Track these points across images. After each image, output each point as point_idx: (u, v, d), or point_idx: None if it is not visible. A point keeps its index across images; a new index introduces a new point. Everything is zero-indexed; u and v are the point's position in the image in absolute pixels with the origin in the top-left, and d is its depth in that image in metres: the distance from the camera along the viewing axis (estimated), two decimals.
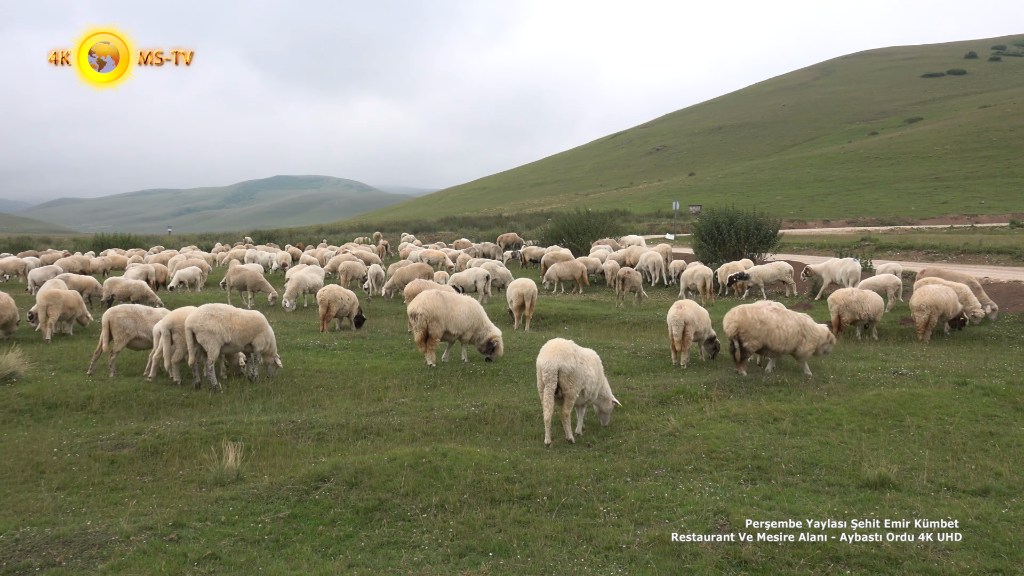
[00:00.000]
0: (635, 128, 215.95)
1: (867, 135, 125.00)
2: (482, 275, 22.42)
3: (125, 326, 12.15)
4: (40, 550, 6.12)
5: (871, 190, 79.26)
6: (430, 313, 12.68)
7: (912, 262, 27.87)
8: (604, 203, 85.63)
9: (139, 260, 31.49)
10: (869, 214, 64.83)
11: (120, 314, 12.21)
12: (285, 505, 7.11)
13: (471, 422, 9.84)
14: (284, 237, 65.00)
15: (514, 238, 43.66)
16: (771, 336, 12.03)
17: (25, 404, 10.65)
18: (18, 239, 67.74)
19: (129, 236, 59.53)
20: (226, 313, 11.55)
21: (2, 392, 11.03)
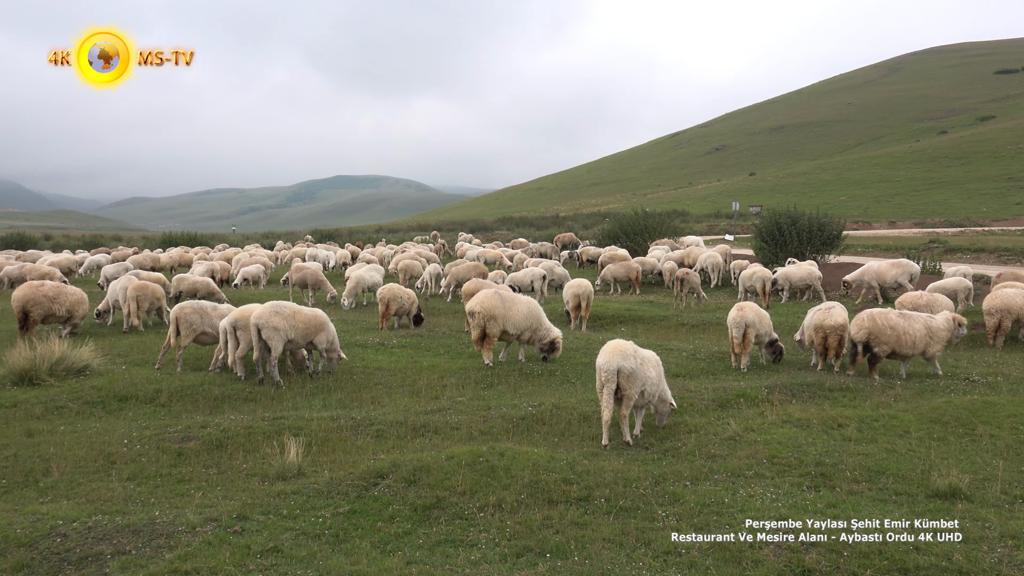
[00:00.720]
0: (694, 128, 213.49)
1: (936, 134, 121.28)
2: (539, 275, 22.41)
3: (192, 322, 12.48)
4: (111, 538, 6.31)
5: (940, 190, 76.87)
6: (488, 312, 12.72)
7: (984, 265, 26.95)
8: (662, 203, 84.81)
9: (205, 258, 32.32)
10: (938, 215, 62.87)
11: (187, 310, 12.55)
12: (345, 501, 7.20)
13: (528, 422, 9.83)
14: (344, 236, 66.01)
15: (571, 238, 43.55)
16: (900, 341, 11.87)
17: (97, 396, 11.02)
18: (91, 236, 70.30)
19: (195, 234, 61.34)
20: (290, 311, 11.78)
21: (76, 384, 11.43)
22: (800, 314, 17.13)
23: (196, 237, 57.73)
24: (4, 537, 6.29)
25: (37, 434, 9.40)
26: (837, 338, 12.43)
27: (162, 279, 19.85)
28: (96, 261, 32.58)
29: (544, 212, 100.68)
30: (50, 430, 9.60)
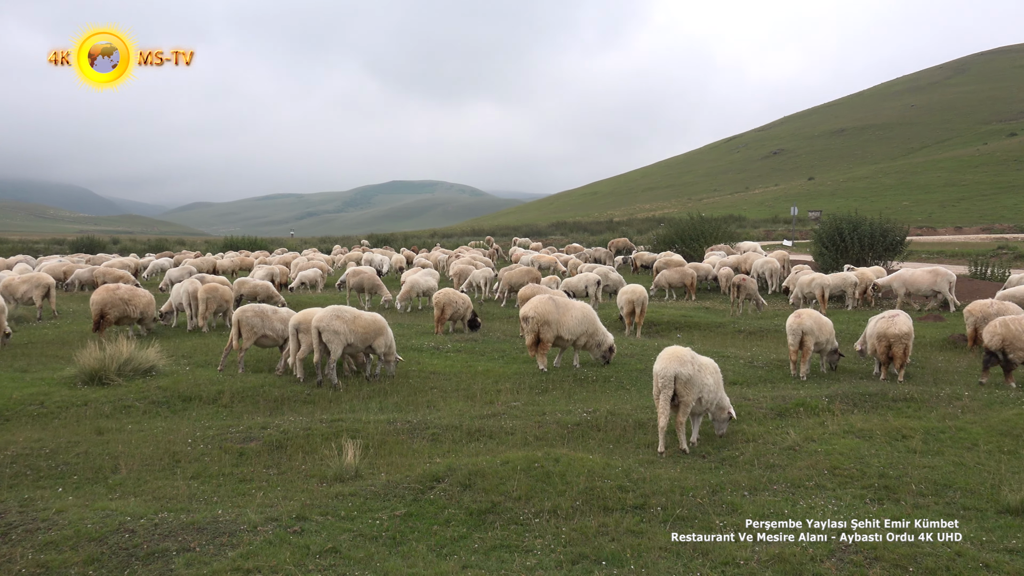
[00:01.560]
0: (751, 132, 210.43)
1: (1005, 136, 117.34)
2: (593, 280, 22.33)
3: (253, 325, 12.77)
4: (176, 535, 6.49)
5: (1009, 195, 74.35)
6: (541, 317, 12.73)
7: None
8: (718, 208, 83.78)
9: (265, 262, 33.00)
10: (1007, 220, 60.80)
11: (248, 313, 12.84)
12: (401, 503, 7.28)
13: (583, 428, 9.80)
14: (399, 240, 66.76)
15: (625, 243, 43.29)
16: None
17: (163, 396, 11.34)
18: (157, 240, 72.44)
19: (256, 238, 62.72)
20: (350, 315, 11.98)
21: (143, 384, 11.78)
22: (861, 322, 16.74)
23: (256, 241, 59.03)
24: (76, 532, 6.51)
25: (106, 432, 9.71)
26: (902, 347, 12.12)
27: (227, 283, 20.35)
28: (159, 265, 33.54)
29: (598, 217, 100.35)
30: (119, 428, 9.90)
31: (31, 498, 7.50)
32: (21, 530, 6.66)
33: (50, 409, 10.72)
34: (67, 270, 28.32)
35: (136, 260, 35.86)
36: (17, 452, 8.78)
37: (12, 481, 8.08)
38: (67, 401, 10.99)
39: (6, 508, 7.18)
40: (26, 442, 9.15)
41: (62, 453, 8.80)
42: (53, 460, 8.62)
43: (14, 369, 13.14)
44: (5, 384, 11.78)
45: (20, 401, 10.93)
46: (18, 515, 6.99)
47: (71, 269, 28.48)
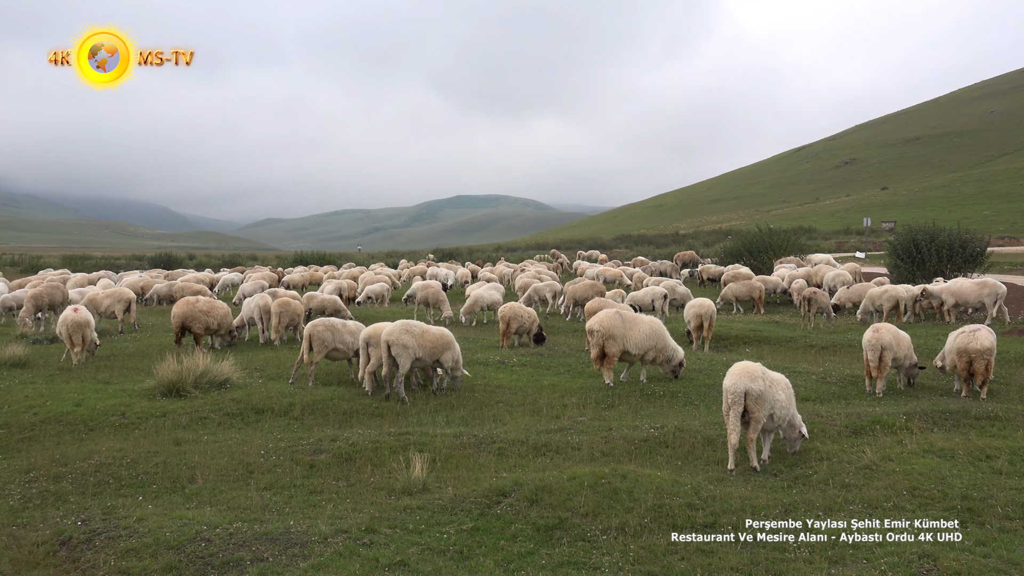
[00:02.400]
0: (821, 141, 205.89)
1: None
2: (660, 294, 22.09)
3: (324, 338, 13.02)
4: (250, 545, 6.64)
5: None
6: (606, 331, 12.65)
7: None
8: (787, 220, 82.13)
9: (333, 276, 33.63)
10: None
11: (320, 327, 13.10)
12: (468, 518, 7.30)
13: (650, 444, 9.69)
14: (464, 254, 67.26)
15: (691, 256, 42.76)
16: None
17: (237, 408, 11.64)
18: (230, 256, 74.63)
19: (325, 253, 64.04)
20: (419, 330, 12.17)
21: (218, 396, 12.11)
22: (940, 336, 16.15)
23: (325, 256, 60.24)
24: (155, 540, 6.72)
25: (183, 443, 10.00)
26: (984, 363, 11.64)
27: (298, 297, 20.81)
28: (230, 279, 34.47)
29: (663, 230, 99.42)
30: (195, 439, 10.19)
31: (113, 506, 7.78)
32: (104, 537, 6.91)
33: (131, 420, 11.12)
34: (145, 285, 29.37)
35: (211, 275, 36.98)
36: (101, 461, 9.12)
37: (96, 489, 8.39)
38: (147, 412, 11.37)
39: (90, 515, 7.46)
40: (109, 451, 9.49)
41: (142, 463, 9.10)
42: (134, 469, 8.92)
43: (98, 381, 13.67)
44: (89, 395, 12.26)
45: (103, 412, 11.36)
46: (101, 522, 7.26)
47: (149, 284, 29.53)
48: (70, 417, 11.17)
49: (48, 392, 12.50)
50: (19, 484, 8.63)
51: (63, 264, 52.73)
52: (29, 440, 10.48)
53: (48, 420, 11.10)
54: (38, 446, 10.16)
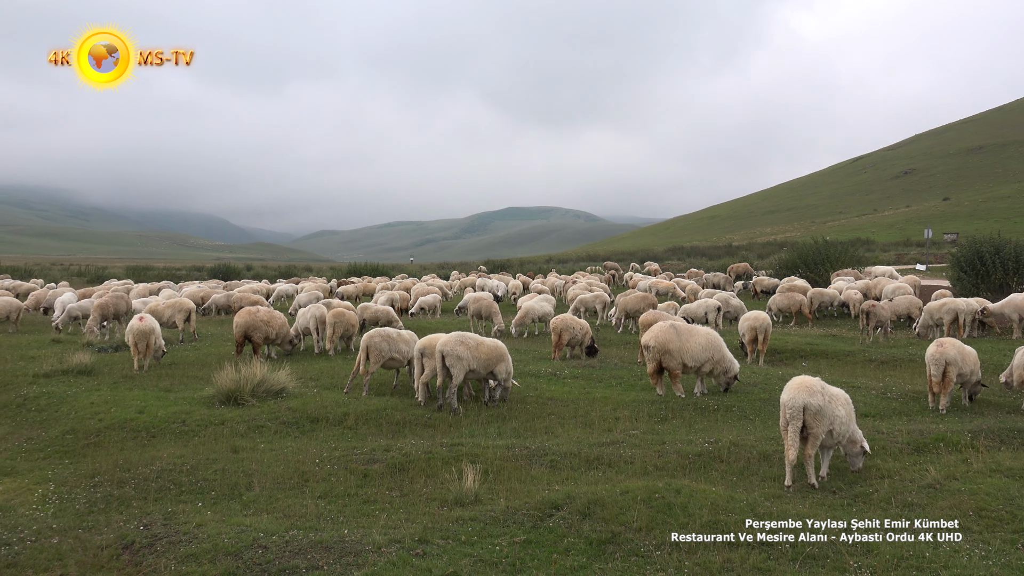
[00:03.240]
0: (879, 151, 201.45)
1: None
2: (713, 307, 21.83)
3: (380, 348, 13.18)
4: (306, 553, 6.72)
5: None
6: (662, 346, 12.54)
7: None
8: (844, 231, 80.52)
9: (387, 287, 34.01)
10: None
11: (376, 338, 13.27)
12: (520, 530, 7.28)
13: (705, 459, 9.54)
14: (515, 266, 67.41)
15: (745, 268, 42.16)
16: None
17: (293, 417, 11.82)
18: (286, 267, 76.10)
19: (377, 265, 64.85)
20: (474, 342, 12.28)
21: (275, 405, 12.32)
22: (1007, 351, 15.63)
23: (378, 267, 60.99)
24: (214, 546, 6.85)
25: (241, 450, 10.19)
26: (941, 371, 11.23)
27: (352, 308, 21.08)
28: (285, 290, 35.11)
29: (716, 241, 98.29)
30: (252, 447, 10.38)
31: (174, 511, 7.96)
32: (165, 542, 7.07)
33: (191, 427, 11.37)
34: (204, 295, 30.09)
35: (267, 286, 37.75)
36: (162, 467, 9.34)
37: (158, 495, 8.60)
38: (206, 420, 11.62)
39: (152, 520, 7.65)
40: (170, 458, 9.72)
41: (201, 469, 9.29)
42: (193, 476, 9.12)
43: (159, 388, 14.03)
44: (152, 402, 12.59)
45: (164, 419, 11.65)
46: (162, 527, 7.44)
47: (208, 294, 30.24)
48: (133, 424, 11.47)
49: (112, 399, 12.87)
50: (84, 488, 8.90)
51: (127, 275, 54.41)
52: (94, 446, 10.80)
53: (112, 426, 11.42)
54: (103, 451, 10.47)
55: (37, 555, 6.97)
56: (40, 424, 12.10)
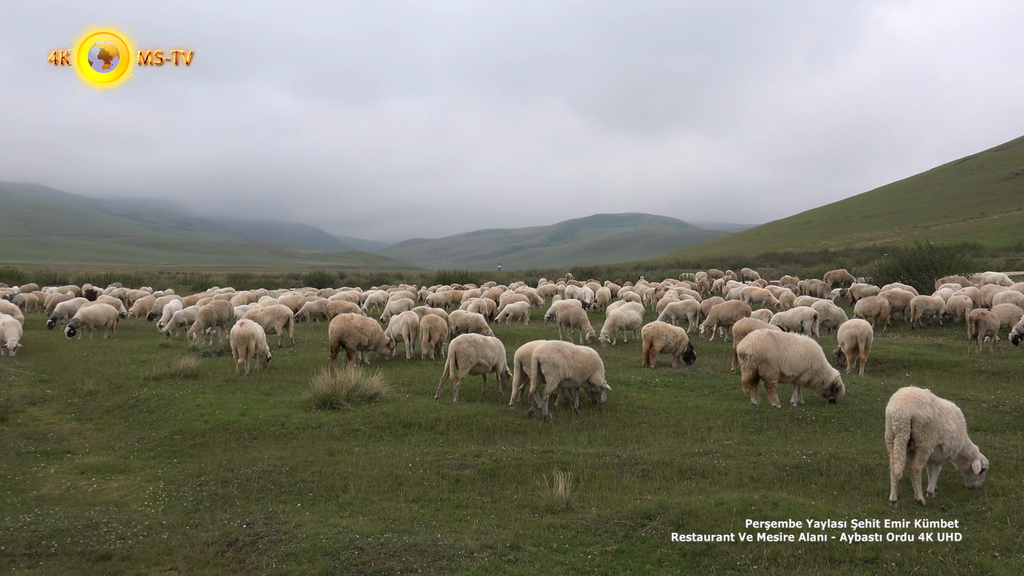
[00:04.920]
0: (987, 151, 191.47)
1: None
2: (809, 315, 21.16)
3: (469, 354, 13.33)
4: (400, 556, 6.83)
5: None
6: (759, 354, 12.24)
7: None
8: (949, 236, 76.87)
9: (476, 295, 34.34)
10: None
11: (464, 343, 13.43)
12: (612, 539, 7.21)
13: (803, 471, 9.25)
14: (603, 273, 67.03)
15: (843, 275, 40.71)
16: None
17: (386, 422, 12.05)
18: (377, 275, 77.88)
19: (466, 272, 65.60)
20: (570, 350, 12.36)
21: (368, 410, 12.59)
22: None
23: (466, 275, 61.71)
24: (312, 546, 7.04)
25: (337, 453, 10.46)
26: None
27: (445, 315, 21.40)
28: (376, 297, 35.86)
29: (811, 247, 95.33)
30: (347, 451, 10.63)
31: (274, 511, 8.23)
32: (267, 540, 7.32)
33: (289, 430, 11.74)
34: (299, 302, 31.04)
35: (360, 293, 38.66)
36: (263, 468, 9.68)
37: (259, 495, 8.90)
38: (304, 423, 11.97)
39: (254, 519, 7.92)
40: (270, 459, 10.06)
41: (300, 471, 9.58)
42: (292, 477, 9.40)
43: (260, 392, 14.55)
44: (253, 406, 13.06)
45: (265, 422, 12.06)
46: (264, 526, 7.69)
47: (302, 301, 31.19)
48: (235, 426, 11.93)
49: (216, 402, 13.42)
50: (191, 487, 9.30)
51: (228, 282, 56.71)
52: (200, 446, 11.28)
53: (216, 428, 11.91)
54: (208, 452, 10.92)
55: (149, 549, 7.32)
56: (150, 425, 12.73)
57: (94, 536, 7.58)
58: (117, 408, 14.05)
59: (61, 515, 8.18)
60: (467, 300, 29.77)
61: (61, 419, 13.66)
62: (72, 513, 8.29)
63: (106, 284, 51.74)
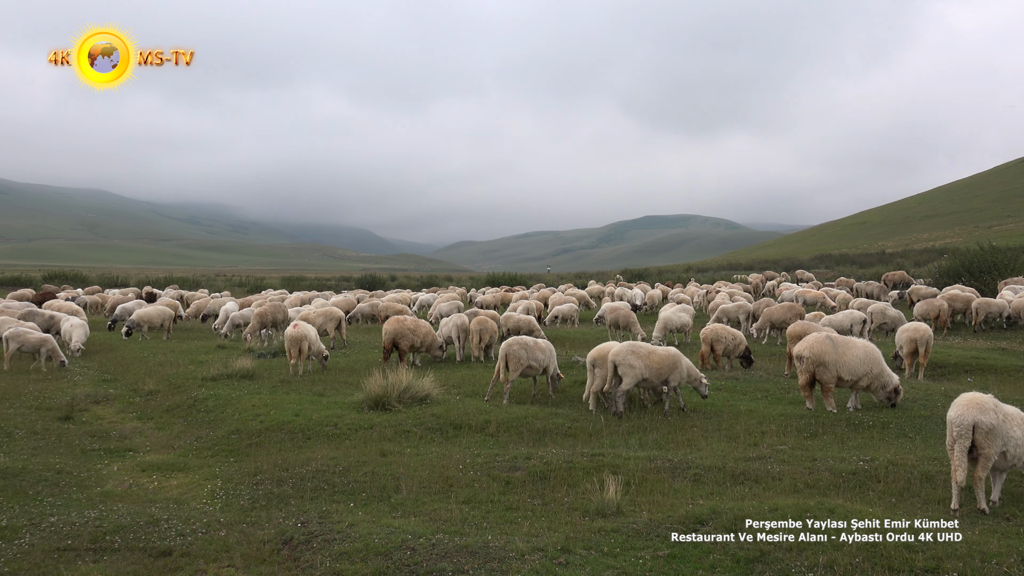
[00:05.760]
0: None
1: None
2: (859, 319, 20.69)
3: (519, 356, 13.38)
4: (451, 557, 6.87)
5: None
6: (817, 358, 12.04)
7: None
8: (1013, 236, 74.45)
9: (525, 297, 34.38)
10: None
11: (515, 346, 13.48)
12: (664, 544, 7.15)
13: (859, 478, 9.05)
14: (653, 275, 66.52)
15: (901, 276, 39.75)
16: None
17: (436, 423, 12.14)
18: (428, 277, 78.45)
19: (515, 274, 65.71)
20: (645, 351, 12.51)
21: (419, 411, 12.71)
22: None
23: (516, 277, 61.81)
24: (365, 545, 7.13)
25: (389, 454, 10.57)
26: None
27: (496, 317, 21.48)
28: (426, 300, 36.15)
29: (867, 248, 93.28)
30: (399, 451, 10.74)
31: (328, 510, 8.35)
32: (320, 539, 7.43)
33: (342, 430, 11.91)
34: (351, 305, 31.45)
35: (410, 295, 39.02)
36: (317, 468, 9.83)
37: (313, 494, 9.05)
38: (356, 424, 12.14)
39: (308, 518, 8.05)
40: (323, 459, 10.22)
41: (352, 471, 9.71)
42: (345, 477, 9.53)
43: (313, 393, 14.79)
44: (306, 406, 13.28)
45: (318, 422, 12.26)
46: (318, 525, 7.82)
47: (353, 304, 31.58)
48: (290, 426, 12.14)
49: (271, 402, 13.69)
50: (248, 485, 9.50)
51: (282, 285, 57.76)
52: (256, 445, 11.51)
53: (271, 428, 12.14)
54: (263, 451, 11.14)
55: (207, 546, 7.49)
56: (208, 424, 13.03)
57: (155, 532, 7.78)
58: (176, 407, 14.42)
59: (124, 511, 8.43)
60: (516, 302, 29.83)
61: (123, 418, 14.08)
62: (134, 509, 8.53)
63: (165, 286, 53.14)
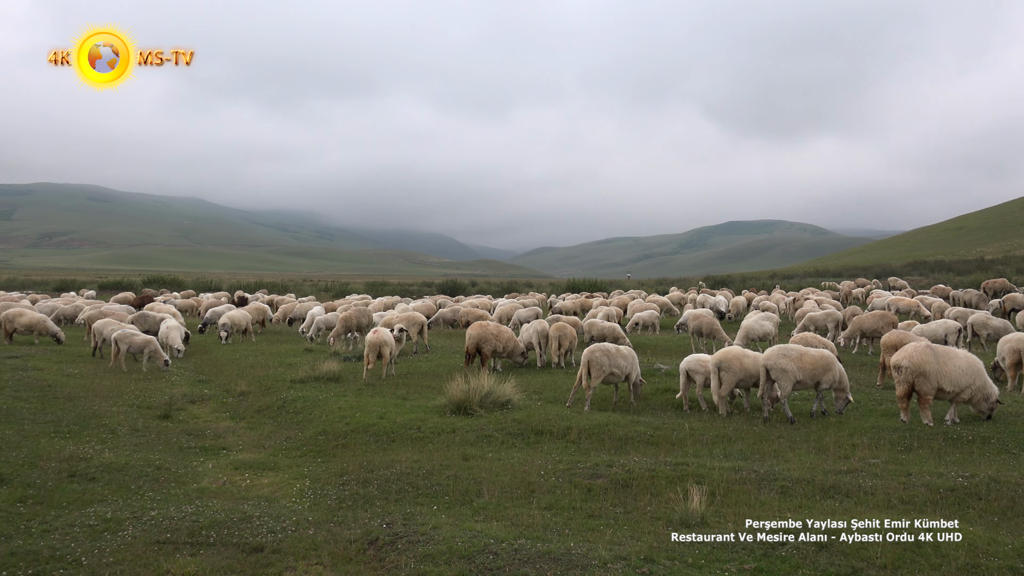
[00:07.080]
0: None
1: None
2: (953, 329, 19.78)
3: (601, 363, 13.34)
4: (534, 562, 6.89)
5: None
6: (917, 368, 11.59)
7: None
8: None
9: (606, 303, 34.19)
10: None
11: (596, 353, 13.44)
12: (751, 557, 7.00)
13: (958, 494, 8.66)
14: (737, 282, 65.19)
15: (1003, 284, 37.85)
16: None
17: (518, 429, 12.20)
18: (507, 283, 78.87)
19: (595, 280, 65.42)
20: (796, 353, 12.61)
21: (501, 416, 12.79)
22: None
23: (595, 283, 61.51)
24: (448, 548, 7.22)
25: (471, 459, 10.67)
26: None
27: (578, 323, 21.47)
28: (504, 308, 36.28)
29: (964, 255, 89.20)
30: (480, 456, 10.83)
31: (412, 512, 8.49)
32: (405, 541, 7.56)
33: (425, 434, 12.09)
34: (432, 310, 31.88)
35: (490, 300, 39.29)
36: (401, 470, 10.01)
37: (397, 496, 9.22)
38: (438, 428, 12.30)
39: (393, 520, 8.20)
40: (407, 462, 10.40)
41: (436, 474, 9.84)
42: (428, 480, 9.67)
43: (397, 396, 15.06)
44: (390, 409, 13.54)
45: (402, 425, 12.47)
46: (402, 527, 7.95)
47: (434, 309, 32.01)
48: (374, 428, 12.40)
49: (356, 405, 14.01)
50: (335, 486, 9.74)
51: (366, 290, 59.01)
52: (342, 447, 11.80)
53: (357, 430, 12.42)
54: (349, 453, 11.41)
55: (297, 544, 7.71)
56: (297, 425, 13.42)
57: (248, 529, 8.06)
58: (267, 408, 14.91)
59: (218, 507, 8.76)
60: (596, 308, 29.69)
61: (217, 417, 14.64)
62: (228, 506, 8.85)
63: (255, 290, 54.99)
